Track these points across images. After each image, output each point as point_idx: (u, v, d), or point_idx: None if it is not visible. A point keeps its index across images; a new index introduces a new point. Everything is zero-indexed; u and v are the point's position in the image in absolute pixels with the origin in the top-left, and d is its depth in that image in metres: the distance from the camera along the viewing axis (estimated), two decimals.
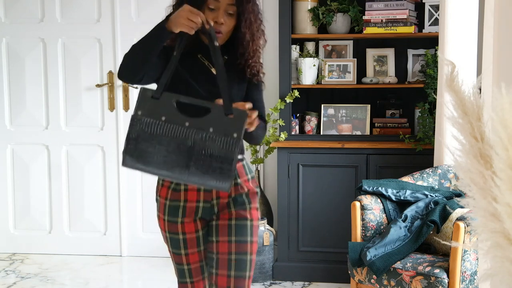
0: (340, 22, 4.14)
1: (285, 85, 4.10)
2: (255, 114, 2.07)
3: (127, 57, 2.14)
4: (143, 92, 2.04)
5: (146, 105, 2.03)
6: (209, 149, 1.98)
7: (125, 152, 2.05)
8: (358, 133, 4.18)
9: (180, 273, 2.35)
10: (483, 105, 1.08)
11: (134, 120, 2.04)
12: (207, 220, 2.33)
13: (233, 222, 2.28)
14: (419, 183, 3.50)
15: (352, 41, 4.30)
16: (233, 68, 2.29)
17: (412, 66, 4.23)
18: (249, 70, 2.30)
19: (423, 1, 4.09)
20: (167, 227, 2.31)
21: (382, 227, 3.34)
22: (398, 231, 3.20)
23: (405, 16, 4.00)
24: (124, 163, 2.06)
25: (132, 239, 4.62)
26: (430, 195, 3.37)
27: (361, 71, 4.27)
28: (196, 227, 2.30)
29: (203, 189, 2.24)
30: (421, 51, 4.18)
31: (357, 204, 3.30)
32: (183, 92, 2.17)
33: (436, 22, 4.00)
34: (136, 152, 2.03)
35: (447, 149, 3.57)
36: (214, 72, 2.21)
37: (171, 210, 2.28)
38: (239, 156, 2.28)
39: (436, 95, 3.75)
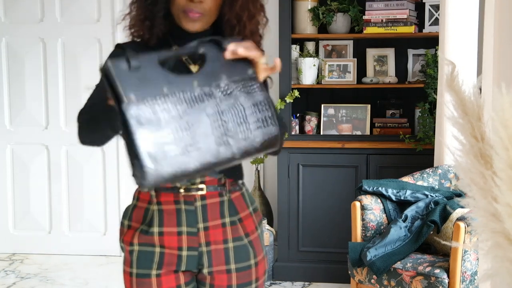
0: (340, 22, 4.14)
1: (285, 85, 4.10)
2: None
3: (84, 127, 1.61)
4: (115, 68, 1.31)
5: (131, 83, 1.31)
6: (237, 103, 1.40)
7: (142, 168, 1.28)
8: (358, 133, 4.18)
9: None
10: (483, 105, 1.08)
11: (126, 112, 1.29)
12: (194, 273, 1.67)
13: None
14: (419, 183, 3.50)
15: (352, 41, 4.30)
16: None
17: (412, 66, 4.23)
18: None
19: (423, 1, 4.09)
20: (136, 285, 1.63)
21: (382, 227, 3.33)
22: (398, 231, 3.19)
23: (405, 16, 4.00)
24: (145, 182, 1.30)
25: None
26: (430, 195, 3.37)
27: (361, 71, 4.27)
28: (177, 281, 1.64)
29: (186, 231, 1.61)
30: (421, 51, 4.18)
31: (357, 204, 3.30)
32: None
33: (436, 22, 4.00)
34: (156, 157, 1.30)
35: (447, 149, 3.57)
36: (194, 70, 1.60)
37: (141, 258, 1.62)
38: (239, 182, 1.70)
39: (436, 95, 3.75)
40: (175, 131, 1.31)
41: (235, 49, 1.42)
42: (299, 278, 4.12)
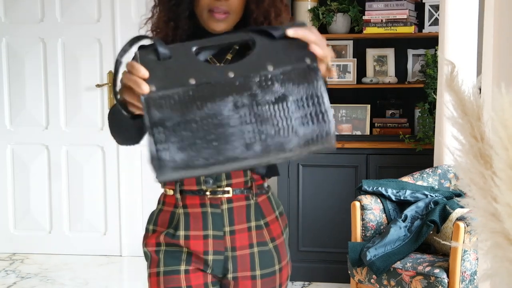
0: (340, 22, 4.14)
1: None
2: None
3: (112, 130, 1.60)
4: (142, 59, 1.25)
5: (156, 73, 1.23)
6: (279, 96, 1.23)
7: (159, 160, 1.18)
8: (358, 133, 4.18)
9: None
10: (483, 105, 1.09)
11: (148, 103, 1.20)
12: (220, 278, 1.64)
13: None
14: (419, 183, 3.50)
15: (352, 41, 4.30)
16: None
17: (412, 66, 4.23)
18: None
19: (423, 1, 4.10)
20: (163, 284, 1.58)
21: (382, 227, 3.34)
22: (398, 231, 3.20)
23: (405, 16, 4.00)
24: (162, 174, 1.20)
25: (132, 239, 4.62)
26: (430, 195, 3.37)
27: (361, 71, 4.27)
28: (205, 279, 1.60)
29: (212, 235, 1.58)
30: (421, 51, 4.19)
31: (357, 204, 3.30)
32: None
33: (436, 22, 4.00)
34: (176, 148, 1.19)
35: (447, 149, 3.57)
36: (229, 58, 1.57)
37: (168, 256, 1.60)
38: (265, 185, 1.66)
39: (436, 95, 3.75)
40: (195, 124, 1.20)
41: (303, 33, 1.26)
42: (299, 277, 4.13)
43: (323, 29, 4.22)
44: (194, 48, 1.26)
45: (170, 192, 1.62)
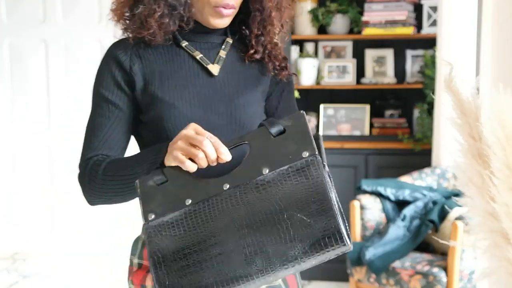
0: (339, 23, 4.15)
1: None
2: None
3: (94, 188, 1.37)
4: (141, 186, 1.23)
5: (155, 200, 1.21)
6: (280, 200, 1.13)
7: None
8: (357, 133, 4.20)
9: None
10: (481, 105, 1.09)
11: (149, 232, 1.21)
12: None
13: None
14: (418, 183, 3.51)
15: (351, 42, 4.31)
16: (244, 59, 1.45)
17: (411, 67, 4.24)
18: (272, 62, 1.46)
19: (422, 3, 4.11)
20: None
21: (381, 226, 3.35)
22: (397, 230, 3.21)
23: (403, 17, 4.01)
24: None
25: (133, 239, 4.62)
26: (429, 195, 3.38)
27: (360, 71, 4.29)
28: None
29: None
30: (419, 52, 4.20)
31: (356, 203, 3.32)
32: (168, 122, 1.33)
33: (434, 23, 4.02)
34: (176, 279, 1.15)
35: (445, 149, 3.59)
36: (214, 72, 1.40)
37: None
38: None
39: (434, 95, 3.76)
40: (193, 248, 1.15)
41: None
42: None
43: (322, 30, 4.23)
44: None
45: None
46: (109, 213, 4.64)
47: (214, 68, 1.40)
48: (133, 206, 5.02)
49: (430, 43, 4.04)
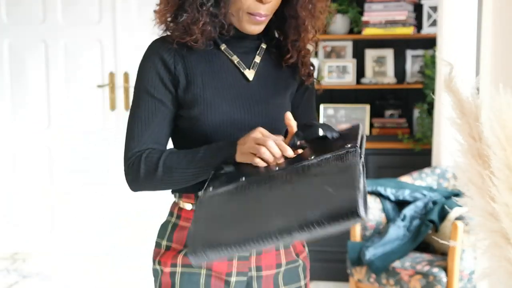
0: (339, 23, 4.15)
1: None
2: None
3: (148, 177, 1.43)
4: (215, 171, 1.38)
5: (219, 180, 1.36)
6: (315, 175, 1.26)
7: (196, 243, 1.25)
8: None
9: None
10: (481, 105, 1.10)
11: (201, 200, 1.34)
12: None
13: None
14: (418, 183, 3.51)
15: (351, 42, 4.31)
16: (276, 64, 1.54)
17: (411, 67, 4.24)
18: (304, 68, 1.54)
19: (422, 3, 4.11)
20: None
21: (381, 226, 3.35)
22: (397, 230, 3.21)
23: (403, 17, 4.01)
24: (195, 252, 1.25)
25: (133, 239, 4.63)
26: (429, 195, 3.38)
27: (360, 71, 4.29)
28: None
29: (237, 256, 1.47)
30: (419, 52, 4.20)
31: None
32: (208, 119, 1.43)
33: (434, 23, 4.02)
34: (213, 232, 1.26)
35: (445, 149, 3.59)
36: (250, 77, 1.49)
37: (184, 281, 1.45)
38: None
39: (434, 95, 3.76)
40: (233, 205, 1.29)
41: None
42: None
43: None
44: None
45: (189, 207, 1.49)
46: (109, 213, 4.64)
47: (250, 74, 1.50)
48: (133, 206, 5.03)
49: (430, 43, 4.04)
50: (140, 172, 1.43)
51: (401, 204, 3.39)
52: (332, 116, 4.24)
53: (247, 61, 1.50)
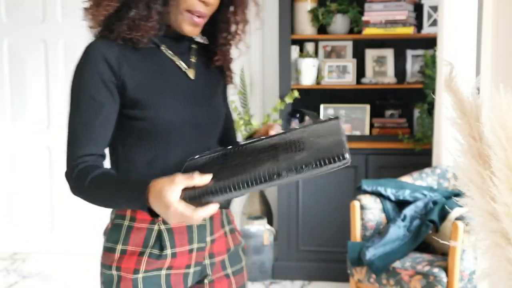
0: (339, 23, 4.15)
1: (285, 86, 4.11)
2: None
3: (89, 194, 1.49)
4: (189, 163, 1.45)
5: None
6: (301, 133, 1.40)
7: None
8: (358, 133, 4.20)
9: None
10: (481, 105, 1.09)
11: (186, 166, 1.42)
12: (194, 284, 1.59)
13: None
14: (418, 183, 3.51)
15: (351, 42, 4.31)
16: (207, 64, 1.60)
17: (411, 67, 4.24)
18: (229, 71, 1.65)
19: (422, 2, 4.11)
20: None
21: (381, 226, 3.35)
22: (397, 230, 3.21)
23: (404, 17, 4.01)
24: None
25: None
26: (429, 195, 3.38)
27: (360, 71, 4.29)
28: None
29: (196, 248, 1.51)
30: (420, 52, 4.20)
31: (357, 203, 3.32)
32: (156, 120, 1.45)
33: (434, 23, 4.01)
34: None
35: (445, 149, 3.59)
36: (191, 76, 1.53)
37: (147, 284, 1.46)
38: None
39: (435, 95, 3.76)
40: (218, 163, 1.37)
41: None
42: (299, 277, 4.14)
43: (322, 30, 4.23)
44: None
45: None
46: (109, 213, 4.64)
47: (191, 73, 1.53)
48: None
49: (430, 43, 4.04)
50: (76, 183, 1.47)
51: (401, 204, 3.39)
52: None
53: (185, 61, 1.54)
